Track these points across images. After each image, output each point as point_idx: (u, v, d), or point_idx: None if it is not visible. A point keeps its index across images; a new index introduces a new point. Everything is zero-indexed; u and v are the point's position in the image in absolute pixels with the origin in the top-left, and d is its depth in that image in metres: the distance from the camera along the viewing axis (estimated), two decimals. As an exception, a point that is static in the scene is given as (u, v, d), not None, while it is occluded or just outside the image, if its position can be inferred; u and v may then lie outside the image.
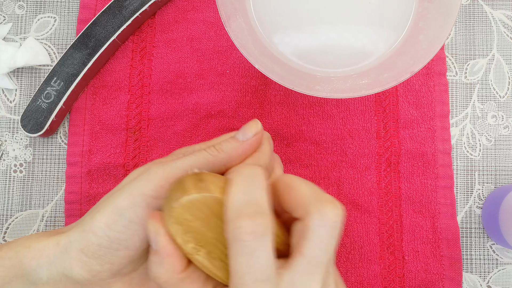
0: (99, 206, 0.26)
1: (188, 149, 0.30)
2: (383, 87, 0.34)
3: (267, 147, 0.29)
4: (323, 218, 0.23)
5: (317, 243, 0.23)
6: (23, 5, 0.43)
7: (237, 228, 0.22)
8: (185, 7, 0.43)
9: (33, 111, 0.40)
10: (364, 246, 0.40)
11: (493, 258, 0.41)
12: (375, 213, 0.41)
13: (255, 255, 0.22)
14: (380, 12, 0.39)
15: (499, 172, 0.42)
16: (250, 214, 0.22)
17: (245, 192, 0.23)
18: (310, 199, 0.24)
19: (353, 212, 0.41)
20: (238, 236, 0.22)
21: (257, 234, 0.22)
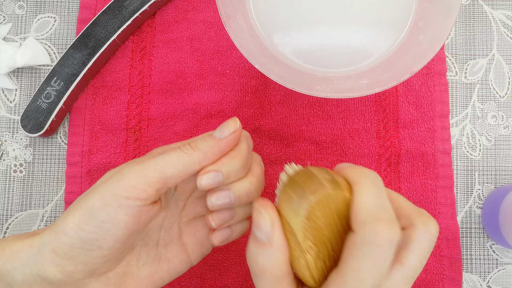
0: (71, 207, 0.26)
1: (164, 148, 0.29)
2: (383, 87, 0.34)
3: (244, 146, 0.28)
4: (427, 231, 0.24)
5: (418, 254, 0.23)
6: (23, 5, 0.43)
7: (375, 232, 0.22)
8: (185, 7, 0.43)
9: (33, 111, 0.40)
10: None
11: (493, 258, 0.41)
12: (375, 213, 0.41)
13: (381, 261, 0.22)
14: (380, 12, 0.39)
15: (499, 172, 0.42)
16: (387, 220, 0.23)
17: (376, 196, 0.23)
18: (414, 211, 0.25)
19: (353, 212, 0.41)
20: (374, 240, 0.22)
21: (390, 242, 0.22)
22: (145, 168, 0.26)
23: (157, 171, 0.26)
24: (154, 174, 0.26)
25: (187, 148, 0.27)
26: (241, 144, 0.29)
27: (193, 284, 0.40)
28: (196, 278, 0.40)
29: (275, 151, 0.41)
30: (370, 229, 0.22)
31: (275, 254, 0.23)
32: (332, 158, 0.41)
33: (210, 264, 0.40)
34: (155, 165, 0.26)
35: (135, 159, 0.29)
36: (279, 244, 0.23)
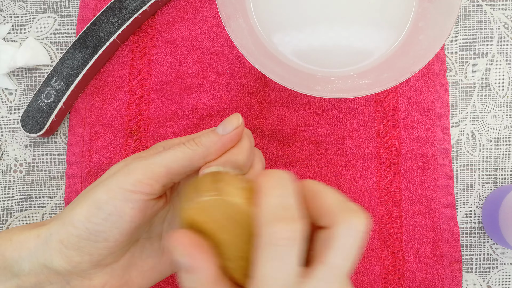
0: (78, 199, 0.27)
1: (168, 142, 0.30)
2: (383, 87, 0.34)
3: (246, 143, 0.29)
4: (349, 227, 0.23)
5: (340, 252, 0.23)
6: (23, 5, 0.43)
7: (272, 233, 0.22)
8: (185, 7, 0.43)
9: (33, 111, 0.40)
10: (364, 246, 0.40)
11: (493, 258, 0.41)
12: (375, 213, 0.41)
13: (285, 261, 0.22)
14: (380, 12, 0.39)
15: (499, 172, 0.42)
16: (285, 218, 0.22)
17: (278, 196, 0.23)
18: (337, 207, 0.24)
19: (353, 212, 0.41)
20: (271, 241, 0.22)
21: (291, 240, 0.22)
22: (152, 163, 0.26)
23: (163, 166, 0.26)
24: (160, 169, 0.26)
25: (192, 144, 0.27)
26: (243, 140, 0.29)
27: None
28: (196, 278, 0.40)
29: (275, 151, 0.41)
30: (269, 229, 0.22)
31: (200, 277, 0.23)
32: (332, 158, 0.41)
33: (210, 264, 0.40)
34: (162, 160, 0.26)
35: (140, 153, 0.30)
36: (201, 268, 0.23)
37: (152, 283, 0.30)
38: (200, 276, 0.23)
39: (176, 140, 0.30)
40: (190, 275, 0.24)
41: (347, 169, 0.41)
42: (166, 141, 0.31)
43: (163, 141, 0.31)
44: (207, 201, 0.23)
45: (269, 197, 0.23)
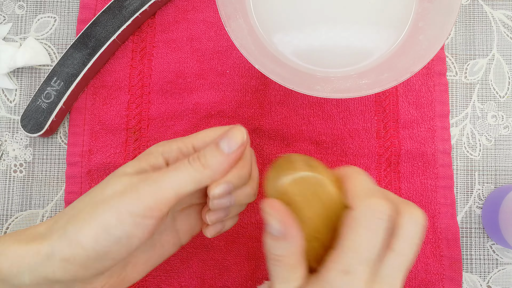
0: (83, 215, 0.26)
1: (165, 147, 0.30)
2: (383, 87, 0.34)
3: (248, 154, 0.30)
4: (414, 218, 0.24)
5: (407, 241, 0.24)
6: (23, 5, 0.43)
7: (371, 205, 0.24)
8: (185, 7, 0.43)
9: (33, 111, 0.40)
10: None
11: (493, 258, 0.41)
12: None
13: (377, 233, 0.24)
14: (380, 12, 0.39)
15: (499, 172, 0.42)
16: (382, 196, 0.24)
17: (368, 180, 0.25)
18: (400, 200, 0.25)
19: (353, 212, 0.41)
20: (370, 212, 0.24)
21: (385, 215, 0.24)
22: (162, 189, 0.27)
23: (172, 191, 0.27)
24: (170, 195, 0.27)
25: (198, 166, 0.27)
26: (246, 152, 0.29)
27: (193, 284, 0.40)
28: (196, 278, 0.40)
29: (275, 151, 0.41)
30: (367, 202, 0.24)
31: (289, 245, 0.24)
32: (332, 158, 0.41)
33: (210, 264, 0.40)
34: (171, 185, 0.27)
35: (138, 157, 0.29)
36: (293, 236, 0.24)
37: (144, 274, 0.31)
38: (289, 245, 0.24)
39: (174, 144, 0.30)
40: (280, 242, 0.24)
41: (347, 169, 0.41)
42: (163, 143, 0.30)
43: (161, 144, 0.30)
44: (304, 176, 0.25)
45: (361, 179, 0.25)
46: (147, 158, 0.29)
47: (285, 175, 0.25)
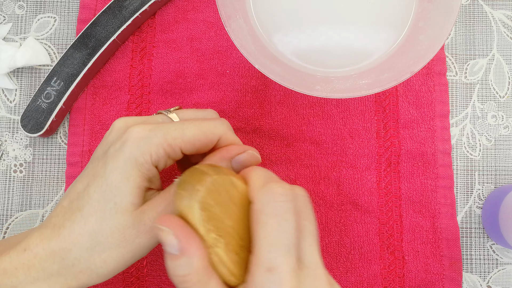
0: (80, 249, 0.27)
1: (152, 154, 0.28)
2: (383, 87, 0.34)
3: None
4: (266, 192, 0.24)
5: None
6: (23, 5, 0.43)
7: (269, 191, 0.23)
8: (185, 7, 0.43)
9: (33, 111, 0.40)
10: (364, 246, 0.40)
11: (493, 258, 0.41)
12: (375, 213, 0.41)
13: (288, 217, 0.23)
14: (380, 12, 0.39)
15: (499, 172, 0.42)
16: (278, 181, 0.24)
17: (266, 171, 0.26)
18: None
19: (353, 212, 0.41)
20: (270, 198, 0.23)
21: (288, 197, 0.23)
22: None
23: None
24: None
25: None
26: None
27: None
28: (196, 278, 0.40)
29: (275, 151, 0.41)
30: (265, 190, 0.23)
31: (191, 260, 0.23)
32: (332, 158, 0.41)
33: (210, 264, 0.40)
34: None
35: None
36: (192, 249, 0.23)
37: (115, 273, 0.30)
38: (192, 260, 0.22)
39: (161, 149, 0.30)
40: (180, 261, 0.23)
41: (347, 169, 0.41)
42: (147, 143, 0.29)
43: (145, 145, 0.29)
44: (216, 180, 0.24)
45: (259, 171, 0.25)
46: (141, 172, 0.28)
47: (197, 185, 0.23)
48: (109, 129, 0.30)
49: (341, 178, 0.41)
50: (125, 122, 0.30)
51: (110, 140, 0.29)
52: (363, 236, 0.40)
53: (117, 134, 0.29)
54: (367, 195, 0.41)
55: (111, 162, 0.27)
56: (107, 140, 0.30)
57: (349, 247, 0.40)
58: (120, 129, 0.29)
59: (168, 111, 0.31)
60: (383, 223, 0.41)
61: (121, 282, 0.40)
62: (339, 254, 0.40)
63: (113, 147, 0.28)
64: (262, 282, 0.22)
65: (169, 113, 0.31)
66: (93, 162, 0.29)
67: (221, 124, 0.30)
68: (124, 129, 0.29)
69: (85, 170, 0.29)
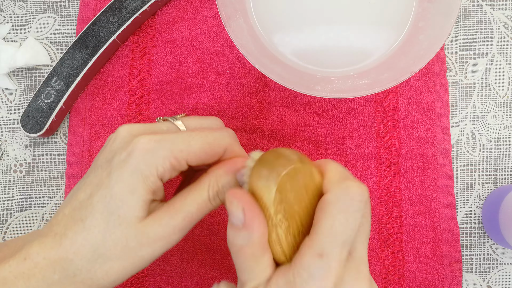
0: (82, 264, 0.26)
1: (158, 167, 0.28)
2: (383, 87, 0.34)
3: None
4: (344, 191, 0.24)
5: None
6: (23, 5, 0.43)
7: (346, 187, 0.24)
8: (185, 7, 0.43)
9: (33, 111, 0.40)
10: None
11: (493, 258, 0.41)
12: (375, 213, 0.41)
13: (356, 216, 0.24)
14: (380, 12, 0.39)
15: (499, 172, 0.42)
16: (356, 180, 0.25)
17: (343, 167, 0.26)
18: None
19: (353, 212, 0.41)
20: (345, 194, 0.24)
21: (363, 197, 0.24)
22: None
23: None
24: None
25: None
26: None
27: (193, 284, 0.40)
28: (196, 278, 0.40)
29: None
30: (342, 185, 0.24)
31: (250, 235, 0.24)
32: (332, 158, 0.41)
33: (210, 264, 0.40)
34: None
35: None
36: (254, 225, 0.24)
37: (116, 285, 0.30)
38: (252, 235, 0.24)
39: (167, 162, 0.29)
40: (240, 232, 0.24)
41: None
42: (153, 156, 0.29)
43: (151, 157, 0.29)
44: (298, 168, 0.24)
45: (337, 166, 0.26)
46: (147, 185, 0.27)
47: (277, 169, 0.24)
48: (112, 135, 0.29)
49: (341, 178, 0.41)
50: (130, 130, 0.29)
51: (114, 149, 0.28)
52: (363, 236, 0.40)
53: (121, 143, 0.28)
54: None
55: (116, 173, 0.27)
56: (111, 148, 0.29)
57: (349, 247, 0.40)
58: (125, 138, 0.28)
59: (174, 118, 0.31)
60: (383, 223, 0.41)
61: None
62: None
63: (118, 156, 0.27)
64: (309, 264, 0.23)
65: (175, 120, 0.31)
66: (96, 170, 0.28)
67: (227, 135, 0.29)
68: (129, 138, 0.28)
69: (87, 178, 0.28)
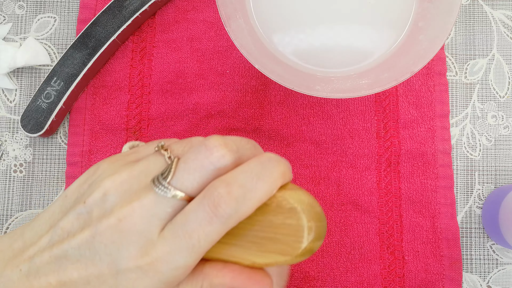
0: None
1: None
2: (383, 87, 0.34)
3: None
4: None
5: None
6: (23, 5, 0.43)
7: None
8: (185, 7, 0.43)
9: (33, 111, 0.40)
10: (364, 246, 0.40)
11: (493, 258, 0.41)
12: (375, 213, 0.41)
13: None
14: (380, 12, 0.39)
15: (499, 172, 0.42)
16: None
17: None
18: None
19: (353, 212, 0.41)
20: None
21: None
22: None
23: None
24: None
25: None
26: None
27: (193, 284, 0.40)
28: (196, 278, 0.40)
29: (275, 151, 0.41)
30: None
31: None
32: (332, 158, 0.41)
33: (210, 264, 0.40)
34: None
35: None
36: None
37: None
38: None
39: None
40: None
41: (347, 169, 0.41)
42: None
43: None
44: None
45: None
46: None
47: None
48: (91, 178, 0.24)
49: (341, 178, 0.41)
50: (118, 188, 0.23)
51: (96, 208, 0.23)
52: (363, 236, 0.40)
53: (117, 203, 0.23)
54: (367, 195, 0.41)
55: (126, 281, 0.23)
56: (89, 200, 0.23)
57: (349, 247, 0.40)
58: (114, 201, 0.23)
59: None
60: (383, 223, 0.41)
61: (121, 282, 0.40)
62: (339, 254, 0.40)
63: (126, 251, 0.22)
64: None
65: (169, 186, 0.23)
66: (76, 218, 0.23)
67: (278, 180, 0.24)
68: (119, 203, 0.23)
69: (73, 240, 0.23)
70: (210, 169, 0.22)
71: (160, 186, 0.22)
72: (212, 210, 0.21)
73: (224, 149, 0.22)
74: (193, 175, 0.22)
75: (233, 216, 0.22)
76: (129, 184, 0.23)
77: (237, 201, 0.21)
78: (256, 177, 0.22)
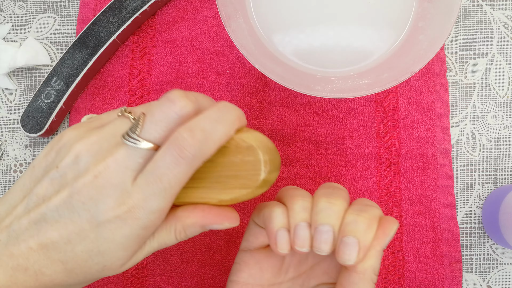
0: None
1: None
2: (383, 87, 0.34)
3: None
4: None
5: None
6: (23, 5, 0.43)
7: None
8: (185, 7, 0.43)
9: (33, 111, 0.40)
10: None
11: (493, 258, 0.41)
12: (375, 213, 0.41)
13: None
14: (380, 12, 0.39)
15: (499, 172, 0.42)
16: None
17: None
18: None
19: (353, 212, 0.41)
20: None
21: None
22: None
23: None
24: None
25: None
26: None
27: (193, 284, 0.40)
28: (196, 278, 0.40)
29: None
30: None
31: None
32: (332, 158, 0.41)
33: (210, 264, 0.40)
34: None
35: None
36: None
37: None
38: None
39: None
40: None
41: (347, 169, 0.41)
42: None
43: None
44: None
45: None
46: (141, 241, 0.26)
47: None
48: (57, 145, 0.25)
49: (341, 178, 0.41)
50: (90, 149, 0.24)
51: (69, 171, 0.24)
52: (363, 236, 0.40)
53: (90, 164, 0.24)
54: (367, 195, 0.41)
55: (106, 232, 0.24)
56: (61, 164, 0.24)
57: (349, 247, 0.40)
58: (87, 161, 0.24)
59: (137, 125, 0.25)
60: (383, 223, 0.41)
61: (121, 282, 0.40)
62: (339, 254, 0.40)
63: (103, 205, 0.24)
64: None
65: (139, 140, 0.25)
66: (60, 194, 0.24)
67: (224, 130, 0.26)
68: (92, 162, 0.24)
69: (50, 203, 0.24)
70: (174, 118, 0.24)
71: (131, 139, 0.24)
72: (178, 153, 0.24)
73: (185, 99, 0.25)
74: (159, 126, 0.24)
75: (198, 156, 0.24)
76: (99, 144, 0.25)
77: (200, 142, 0.24)
78: (215, 121, 0.25)
